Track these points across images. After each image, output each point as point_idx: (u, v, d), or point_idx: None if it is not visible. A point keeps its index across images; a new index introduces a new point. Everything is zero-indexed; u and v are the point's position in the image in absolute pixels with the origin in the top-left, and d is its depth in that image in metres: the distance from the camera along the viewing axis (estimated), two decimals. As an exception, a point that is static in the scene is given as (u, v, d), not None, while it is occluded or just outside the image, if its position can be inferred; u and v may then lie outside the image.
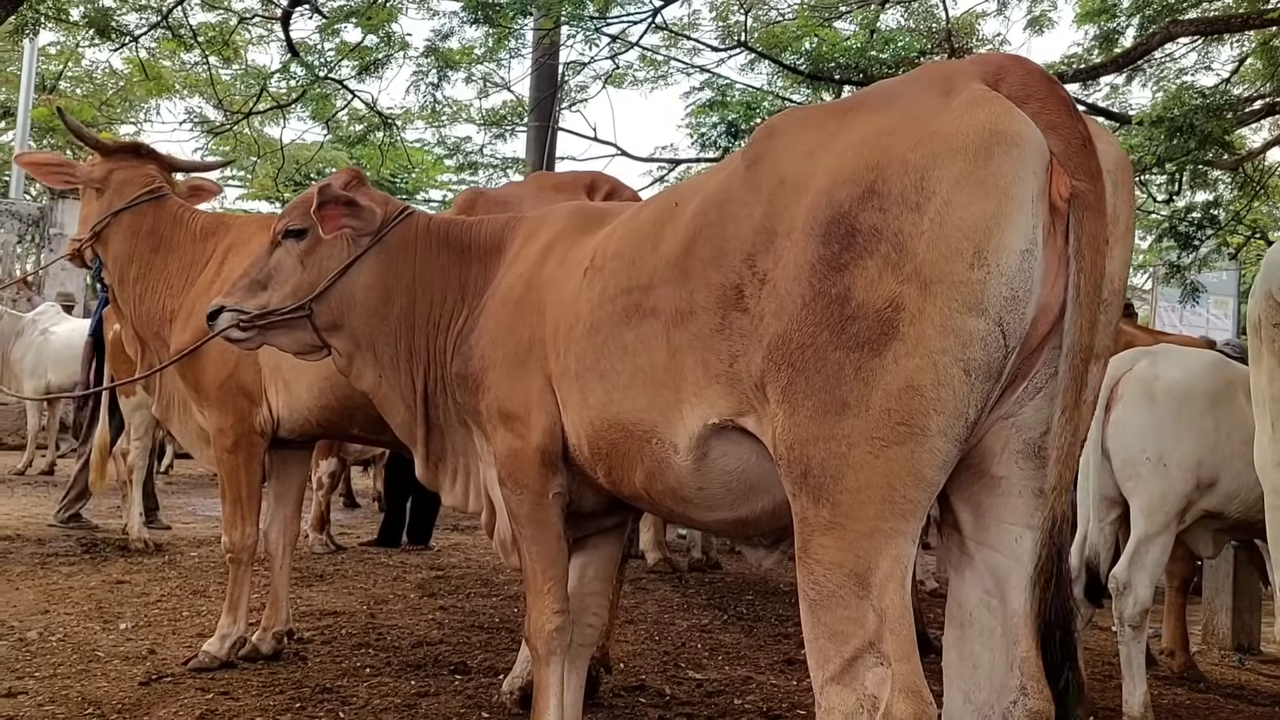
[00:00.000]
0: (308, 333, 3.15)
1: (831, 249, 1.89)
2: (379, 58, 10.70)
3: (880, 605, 1.83)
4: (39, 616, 4.81)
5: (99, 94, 18.97)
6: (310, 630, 4.85)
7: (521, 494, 2.79)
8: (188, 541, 7.46)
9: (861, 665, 1.83)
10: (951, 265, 1.80)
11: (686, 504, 2.41)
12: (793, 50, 11.22)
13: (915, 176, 1.84)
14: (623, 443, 2.44)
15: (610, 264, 2.53)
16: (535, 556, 2.83)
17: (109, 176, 4.37)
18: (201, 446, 4.39)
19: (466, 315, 3.04)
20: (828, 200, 1.92)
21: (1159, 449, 3.79)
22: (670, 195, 2.61)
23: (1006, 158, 1.82)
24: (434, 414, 3.13)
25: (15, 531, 7.25)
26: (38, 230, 15.67)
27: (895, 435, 1.83)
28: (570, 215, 3.02)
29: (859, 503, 1.86)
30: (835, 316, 1.87)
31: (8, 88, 19.90)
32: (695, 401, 2.21)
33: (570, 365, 2.61)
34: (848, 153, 1.94)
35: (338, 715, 3.62)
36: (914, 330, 1.82)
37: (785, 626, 5.57)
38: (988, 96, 1.88)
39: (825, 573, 1.89)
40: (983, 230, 1.80)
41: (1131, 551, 3.83)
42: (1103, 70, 9.80)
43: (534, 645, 2.87)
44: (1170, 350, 4.07)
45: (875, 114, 1.99)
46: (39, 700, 3.60)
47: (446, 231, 3.17)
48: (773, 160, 2.11)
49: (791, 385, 1.93)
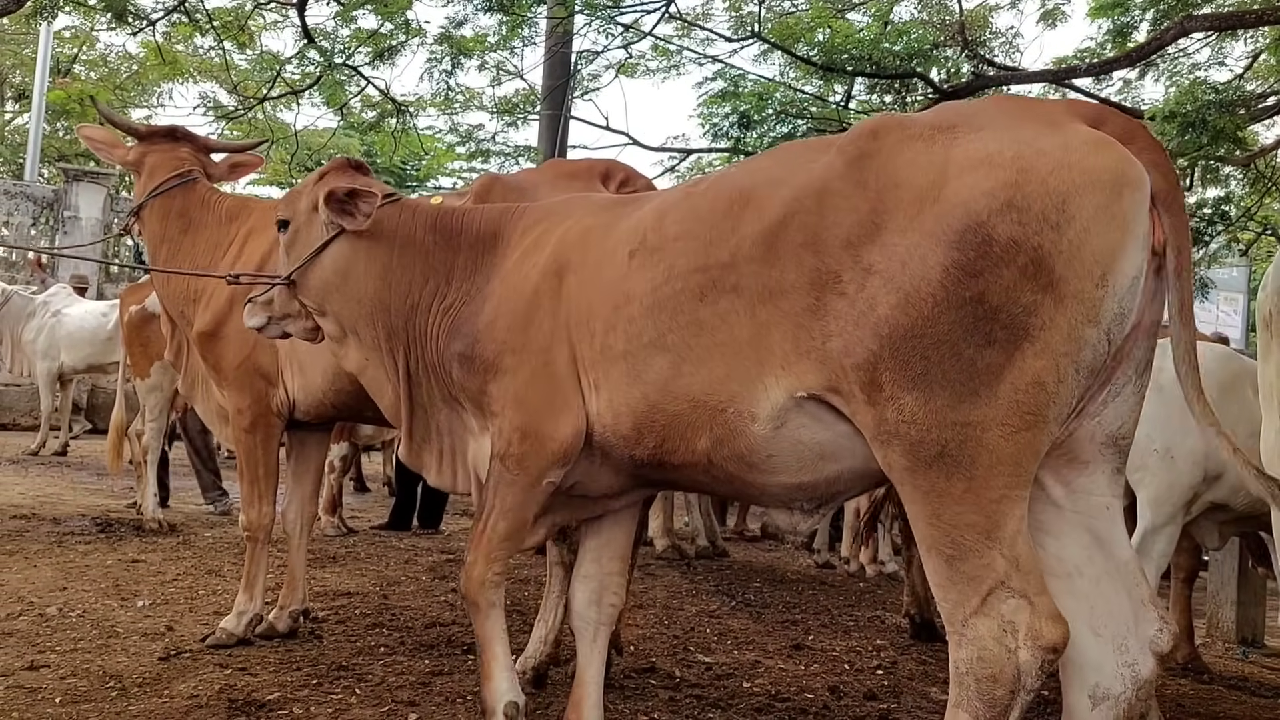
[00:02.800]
0: (305, 318, 3.28)
1: (966, 254, 2.13)
2: (393, 44, 10.74)
3: (1012, 553, 2.18)
4: (57, 593, 4.88)
5: (113, 78, 19.04)
6: (325, 610, 4.92)
7: (518, 474, 2.85)
8: (202, 523, 7.54)
9: (996, 599, 2.18)
10: (1083, 284, 2.12)
11: (751, 469, 2.56)
12: (806, 41, 11.22)
13: (1057, 199, 2.11)
14: (689, 413, 2.57)
15: (675, 244, 2.63)
16: (500, 528, 2.92)
17: (143, 159, 4.49)
18: (221, 425, 4.47)
19: (455, 298, 3.08)
20: (964, 210, 2.15)
21: (1166, 440, 3.83)
22: (728, 182, 2.68)
23: (1131, 197, 2.16)
24: (418, 394, 3.16)
25: (31, 510, 7.33)
26: (52, 212, 15.75)
27: (1023, 423, 2.16)
28: (581, 205, 3.08)
29: (991, 476, 2.17)
30: (969, 316, 2.14)
31: (23, 71, 19.97)
32: (781, 374, 2.40)
33: (616, 344, 2.69)
34: (979, 169, 2.17)
35: (354, 692, 3.68)
36: (1044, 335, 2.13)
37: (792, 613, 5.63)
38: (1110, 140, 2.20)
39: (961, 532, 2.20)
40: (1109, 257, 2.13)
41: (1137, 542, 3.87)
42: (1115, 65, 9.80)
43: (474, 599, 2.98)
44: (1179, 343, 4.09)
45: (985, 135, 2.23)
46: (61, 673, 3.67)
47: (433, 218, 3.21)
48: (881, 162, 2.31)
49: (925, 375, 2.17)
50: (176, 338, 4.55)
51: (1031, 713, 4.01)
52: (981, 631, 2.19)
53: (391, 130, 13.29)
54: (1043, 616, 2.17)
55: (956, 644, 2.23)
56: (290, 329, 3.34)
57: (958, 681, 2.23)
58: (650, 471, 2.83)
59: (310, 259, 3.17)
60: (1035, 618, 2.17)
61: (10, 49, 22.53)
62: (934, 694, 4.11)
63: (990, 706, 2.18)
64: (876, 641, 5.06)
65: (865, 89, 12.66)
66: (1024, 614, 2.17)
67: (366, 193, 3.09)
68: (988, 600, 2.19)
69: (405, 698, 3.64)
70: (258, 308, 3.32)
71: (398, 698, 3.63)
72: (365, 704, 3.55)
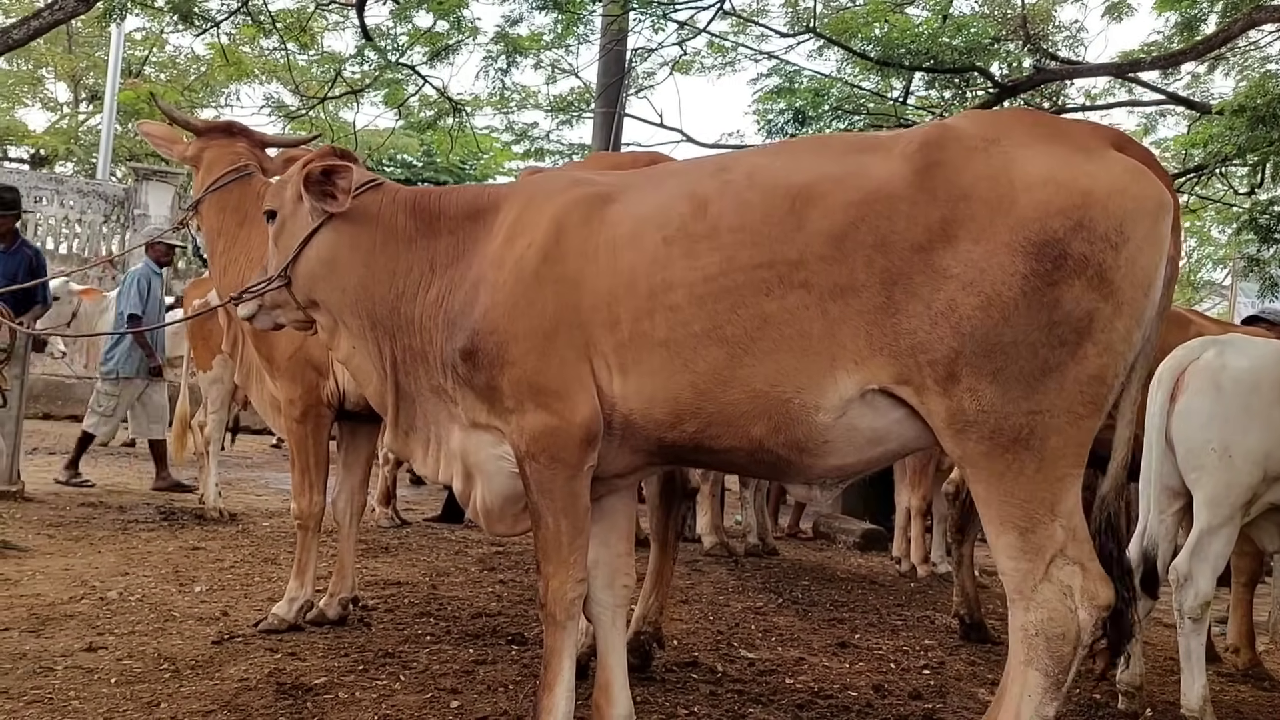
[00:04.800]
0: (296, 309, 3.26)
1: (1045, 265, 2.39)
2: (449, 43, 10.85)
3: (1069, 525, 2.47)
4: (119, 578, 5.02)
5: (182, 79, 19.51)
6: (374, 599, 5.00)
7: (555, 468, 2.83)
8: (261, 512, 7.70)
9: (1055, 567, 2.47)
10: (1135, 293, 2.44)
11: (803, 454, 2.69)
12: (862, 36, 11.11)
13: (1115, 222, 2.41)
14: (745, 402, 2.65)
15: (731, 236, 2.66)
16: (564, 528, 2.88)
17: (201, 155, 4.57)
18: (274, 415, 4.56)
19: (441, 286, 3.04)
20: (1041, 226, 2.41)
21: (1224, 439, 3.73)
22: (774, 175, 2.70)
23: (1166, 221, 2.50)
24: (405, 382, 3.14)
25: (99, 499, 7.54)
26: (122, 210, 16.19)
27: (1086, 411, 2.46)
28: (563, 183, 3.02)
29: (1058, 457, 2.45)
30: (1045, 319, 2.40)
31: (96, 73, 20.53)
32: (854, 369, 2.55)
33: (654, 331, 2.70)
34: (1048, 188, 2.43)
35: (399, 678, 3.74)
36: (1105, 336, 2.42)
37: (840, 611, 5.59)
38: (1145, 170, 2.50)
39: (1034, 507, 2.46)
40: (1153, 271, 2.47)
41: (1194, 543, 3.78)
42: (1181, 58, 9.54)
43: (552, 612, 2.93)
44: (1238, 339, 3.98)
45: (1036, 154, 2.48)
46: (117, 655, 3.78)
47: (413, 201, 3.18)
48: (948, 174, 2.51)
49: (1003, 370, 2.42)
50: (233, 330, 4.66)
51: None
52: (1049, 595, 2.46)
53: (448, 129, 13.40)
54: (1095, 579, 2.48)
55: (1025, 609, 2.48)
56: (281, 319, 3.32)
57: (1027, 642, 2.48)
58: (682, 453, 2.84)
59: (298, 250, 3.14)
60: (1089, 580, 2.47)
61: (84, 51, 23.22)
62: (981, 695, 4.05)
63: (1058, 662, 2.46)
64: (925, 641, 5.00)
65: (924, 84, 12.52)
66: (1079, 578, 2.46)
67: (342, 168, 3.05)
68: (1050, 569, 2.46)
69: (448, 685, 3.68)
70: (249, 299, 3.30)
71: (441, 685, 3.68)
72: (409, 690, 3.60)
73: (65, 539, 5.92)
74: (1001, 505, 2.49)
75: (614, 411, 2.79)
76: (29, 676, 3.46)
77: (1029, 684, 2.48)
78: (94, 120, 23.75)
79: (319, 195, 3.09)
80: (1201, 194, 15.41)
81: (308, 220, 3.15)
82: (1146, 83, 12.17)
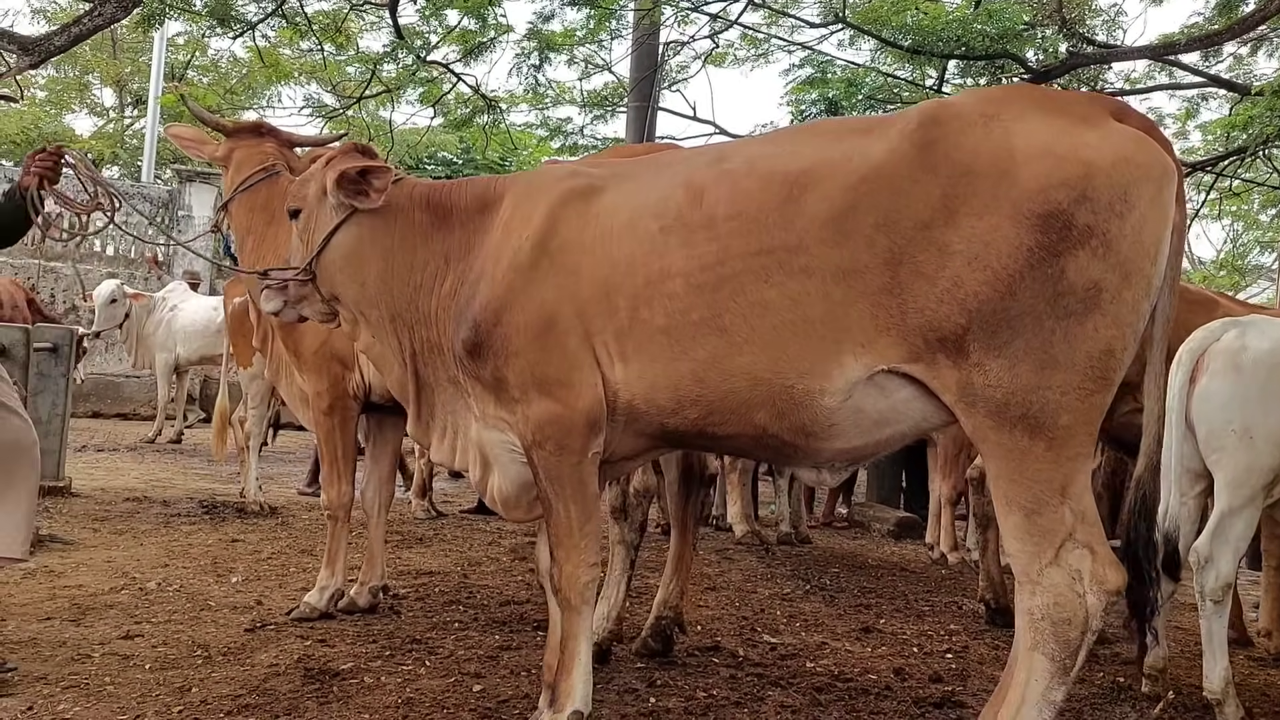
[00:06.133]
0: (320, 302, 3.32)
1: (1050, 237, 2.37)
2: (482, 41, 10.95)
3: (1079, 507, 2.44)
4: (159, 569, 5.17)
5: (223, 82, 19.85)
6: (406, 588, 5.10)
7: (563, 456, 2.89)
8: (300, 506, 7.85)
9: (1065, 550, 2.44)
10: (1141, 262, 2.41)
11: (809, 438, 2.70)
12: (894, 25, 11.03)
13: (1119, 191, 2.39)
14: (747, 389, 2.66)
15: (727, 225, 2.68)
16: (574, 514, 2.94)
17: (230, 155, 4.67)
18: (303, 409, 4.67)
19: (454, 279, 3.10)
20: (1044, 198, 2.38)
21: (1245, 420, 3.69)
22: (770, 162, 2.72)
23: (1170, 188, 2.47)
24: (424, 373, 3.21)
25: (143, 494, 7.73)
26: (167, 212, 16.54)
27: (1096, 386, 2.43)
28: (573, 177, 3.06)
29: (1069, 435, 2.43)
30: (1051, 291, 2.37)
31: (140, 77, 20.95)
32: (861, 351, 2.55)
33: (653, 319, 2.74)
34: (1049, 160, 2.41)
35: (424, 663, 3.82)
36: (1114, 308, 2.39)
37: (867, 598, 5.60)
38: (1147, 137, 2.48)
39: (1041, 488, 2.44)
40: (1159, 239, 2.45)
41: (1214, 525, 3.75)
42: (1219, 38, 9.40)
43: (568, 596, 2.99)
44: (1259, 320, 3.93)
45: (1034, 125, 2.46)
46: (153, 642, 3.90)
47: (428, 195, 3.23)
48: (949, 150, 2.49)
49: (1010, 344, 2.40)
50: (263, 325, 4.76)
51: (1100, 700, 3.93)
52: (1056, 580, 2.44)
53: (484, 126, 13.51)
54: (1104, 564, 2.44)
55: (1031, 592, 2.46)
56: (306, 312, 3.40)
57: (1033, 626, 2.46)
58: (686, 438, 2.89)
59: (323, 246, 3.21)
60: (1098, 565, 2.44)
61: (128, 56, 23.71)
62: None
63: (1064, 647, 2.44)
64: (950, 626, 5.01)
65: (958, 72, 12.40)
66: (1088, 562, 2.44)
67: (379, 168, 3.13)
68: (1060, 553, 2.44)
69: (472, 670, 3.76)
70: (274, 293, 3.38)
71: (465, 669, 3.76)
72: (433, 675, 3.68)
73: (110, 533, 6.10)
74: (1011, 484, 2.48)
75: (617, 398, 2.84)
76: (67, 663, 3.59)
77: (1035, 669, 2.47)
78: (139, 124, 24.27)
79: (353, 193, 3.15)
80: (1247, 178, 15.12)
81: (330, 216, 3.22)
82: (1187, 66, 11.96)
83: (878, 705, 3.62)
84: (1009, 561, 2.57)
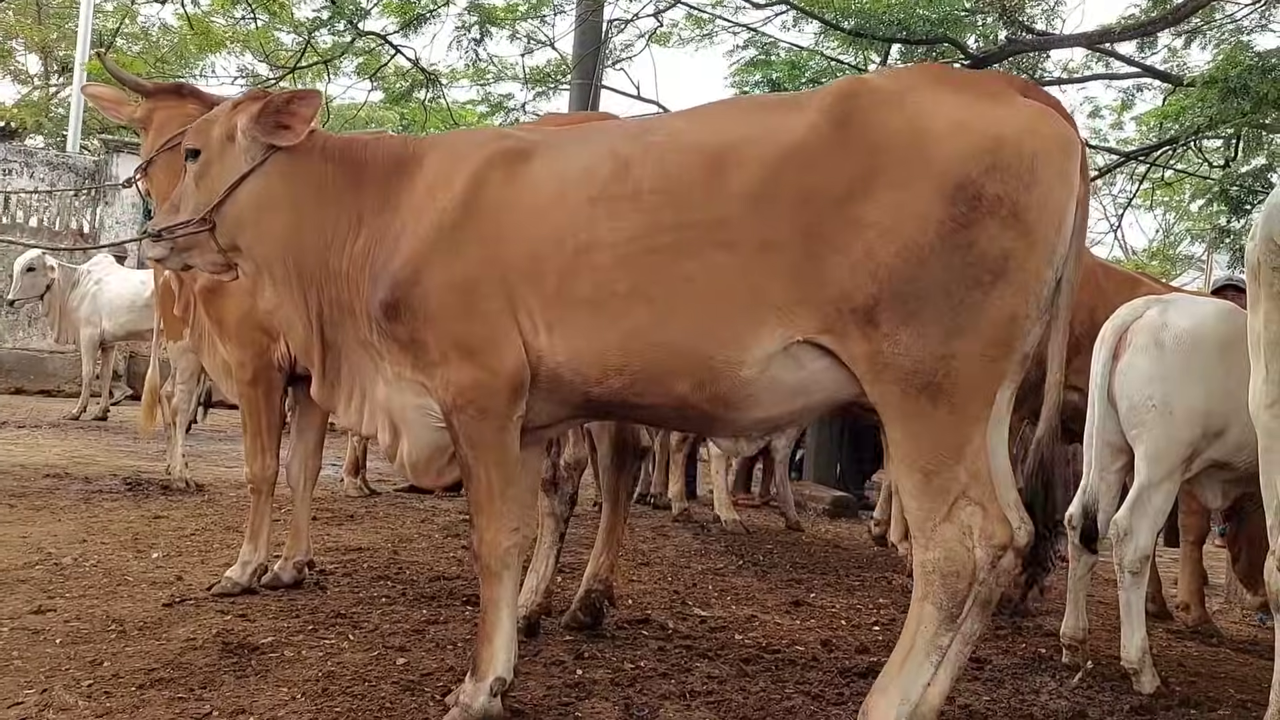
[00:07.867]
0: (215, 252, 3.19)
1: (961, 208, 2.43)
2: (421, 13, 10.77)
3: (973, 467, 2.53)
4: (76, 545, 5.01)
5: (154, 51, 19.30)
6: (333, 564, 5.01)
7: (484, 420, 2.84)
8: (228, 483, 7.69)
9: (958, 507, 2.53)
10: (1046, 231, 2.49)
11: (728, 408, 2.72)
12: (837, 8, 11.07)
13: (1028, 162, 2.46)
14: (669, 360, 2.69)
15: (652, 199, 2.68)
16: (495, 479, 2.90)
17: (150, 116, 4.48)
18: (226, 379, 4.55)
19: (367, 238, 3.01)
20: (956, 170, 2.44)
21: (1165, 396, 3.77)
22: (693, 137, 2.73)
23: (1075, 160, 2.55)
24: (330, 333, 3.12)
25: (64, 470, 7.51)
26: (94, 182, 16.06)
27: (999, 353, 2.50)
28: (499, 140, 3.00)
29: (969, 400, 2.51)
30: (960, 261, 2.43)
31: (66, 44, 20.31)
32: (777, 323, 2.59)
33: (579, 290, 2.72)
34: (959, 134, 2.47)
35: (348, 638, 3.75)
36: (1019, 276, 2.47)
37: (798, 573, 5.63)
38: (1052, 111, 2.57)
39: (941, 451, 2.52)
40: (1064, 209, 2.52)
41: (1134, 498, 3.82)
42: (1152, 27, 9.56)
43: (487, 562, 2.95)
44: (1181, 299, 4.02)
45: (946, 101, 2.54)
46: (65, 617, 3.78)
47: (341, 149, 3.13)
48: (863, 126, 2.55)
49: (919, 314, 2.46)
50: (184, 294, 4.63)
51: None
52: (948, 535, 2.53)
53: (424, 101, 13.32)
54: (994, 520, 2.54)
55: (924, 547, 2.56)
56: (193, 261, 3.26)
57: (925, 579, 2.56)
58: (609, 408, 2.87)
59: (227, 193, 3.08)
60: (988, 521, 2.53)
61: (54, 22, 22.94)
62: (928, 650, 4.10)
63: (952, 598, 2.54)
64: (879, 600, 5.06)
65: (900, 56, 12.49)
66: (979, 519, 2.53)
67: (309, 93, 3.03)
68: (953, 509, 2.53)
69: (397, 644, 3.70)
70: (160, 240, 3.22)
71: (389, 643, 3.70)
72: (356, 649, 3.62)
73: (26, 509, 5.90)
74: (912, 447, 2.55)
75: (541, 365, 2.80)
76: (-28, 637, 3.47)
77: (924, 617, 2.57)
78: (65, 93, 23.53)
79: (274, 127, 3.04)
80: (1180, 168, 15.47)
81: (238, 163, 3.09)
82: (1123, 56, 12.17)
83: (804, 675, 3.64)
84: (906, 517, 2.65)
